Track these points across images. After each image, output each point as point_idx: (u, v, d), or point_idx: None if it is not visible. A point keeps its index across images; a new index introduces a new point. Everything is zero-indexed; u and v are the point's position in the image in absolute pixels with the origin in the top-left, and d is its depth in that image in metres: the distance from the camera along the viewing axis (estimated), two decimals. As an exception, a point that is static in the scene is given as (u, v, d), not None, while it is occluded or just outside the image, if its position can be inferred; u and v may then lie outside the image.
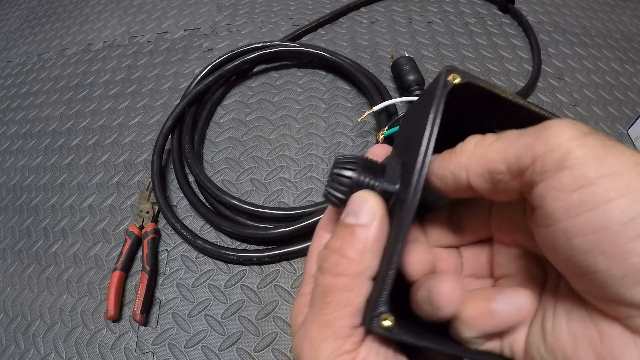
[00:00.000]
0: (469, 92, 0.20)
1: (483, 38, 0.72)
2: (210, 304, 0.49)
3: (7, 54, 0.81)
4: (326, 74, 0.67)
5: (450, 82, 0.20)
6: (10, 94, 0.73)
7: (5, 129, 0.68)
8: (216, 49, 0.73)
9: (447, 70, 0.20)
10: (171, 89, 0.68)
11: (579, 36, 0.73)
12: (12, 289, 0.52)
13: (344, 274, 0.19)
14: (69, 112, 0.68)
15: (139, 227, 0.53)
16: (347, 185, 0.21)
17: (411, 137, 0.20)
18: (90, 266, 0.53)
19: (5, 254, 0.55)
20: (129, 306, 0.49)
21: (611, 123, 0.62)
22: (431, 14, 0.76)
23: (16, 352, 0.48)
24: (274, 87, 0.66)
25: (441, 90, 0.19)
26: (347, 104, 0.64)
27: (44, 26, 0.85)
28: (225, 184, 0.57)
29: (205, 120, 0.62)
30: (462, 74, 0.20)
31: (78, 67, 0.74)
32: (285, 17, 0.77)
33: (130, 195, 0.58)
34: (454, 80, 0.20)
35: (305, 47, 0.65)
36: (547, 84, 0.66)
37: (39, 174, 0.62)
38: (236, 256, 0.50)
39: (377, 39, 0.72)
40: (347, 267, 0.19)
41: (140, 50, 0.75)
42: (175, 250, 0.53)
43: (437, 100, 0.19)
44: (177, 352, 0.46)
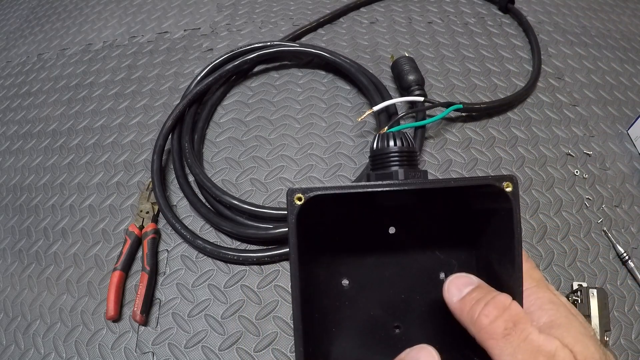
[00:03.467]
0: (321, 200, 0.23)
1: (483, 38, 0.72)
2: (210, 304, 0.49)
3: (7, 54, 0.81)
4: (326, 74, 0.67)
5: (297, 204, 0.23)
6: (10, 94, 0.73)
7: (5, 129, 0.68)
8: (216, 49, 0.73)
9: (290, 191, 0.23)
10: (171, 89, 0.68)
11: (579, 36, 0.73)
12: (12, 289, 0.52)
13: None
14: (69, 112, 0.68)
15: (139, 227, 0.53)
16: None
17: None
18: (90, 266, 0.53)
19: (5, 254, 0.55)
20: (129, 306, 0.49)
21: (611, 123, 0.62)
22: (431, 14, 0.76)
23: (16, 352, 0.48)
24: (274, 87, 0.66)
25: (293, 215, 0.23)
26: (347, 104, 0.64)
27: (44, 26, 0.85)
28: (225, 184, 0.57)
29: (205, 120, 0.62)
30: (303, 191, 0.23)
31: (78, 67, 0.74)
32: (285, 17, 0.77)
33: (130, 195, 0.58)
34: (299, 201, 0.23)
35: (305, 47, 0.65)
36: (547, 84, 0.66)
37: (39, 174, 0.62)
38: (236, 256, 0.50)
39: (377, 39, 0.72)
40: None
41: (140, 50, 0.75)
42: (175, 250, 0.53)
43: (291, 226, 0.23)
44: (177, 352, 0.46)
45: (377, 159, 0.27)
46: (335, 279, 0.28)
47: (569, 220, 0.53)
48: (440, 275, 0.28)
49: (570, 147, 0.59)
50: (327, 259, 0.28)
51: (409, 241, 0.28)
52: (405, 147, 0.27)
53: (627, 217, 0.53)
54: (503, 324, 0.22)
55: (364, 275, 0.28)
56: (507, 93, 0.64)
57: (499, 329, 0.22)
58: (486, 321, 0.22)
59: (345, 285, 0.28)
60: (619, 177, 0.57)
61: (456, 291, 0.24)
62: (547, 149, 0.59)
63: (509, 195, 0.23)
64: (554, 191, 0.55)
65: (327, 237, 0.28)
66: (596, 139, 0.60)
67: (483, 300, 0.23)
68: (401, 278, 0.28)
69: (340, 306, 0.28)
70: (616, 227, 0.53)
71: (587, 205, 0.54)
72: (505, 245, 0.24)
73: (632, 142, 0.60)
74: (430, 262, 0.28)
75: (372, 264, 0.28)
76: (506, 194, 0.23)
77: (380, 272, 0.28)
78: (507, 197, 0.23)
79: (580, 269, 0.50)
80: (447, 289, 0.25)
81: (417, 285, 0.28)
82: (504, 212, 0.24)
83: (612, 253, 0.51)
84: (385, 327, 0.27)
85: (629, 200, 0.55)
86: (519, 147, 0.59)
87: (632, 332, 0.46)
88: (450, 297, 0.24)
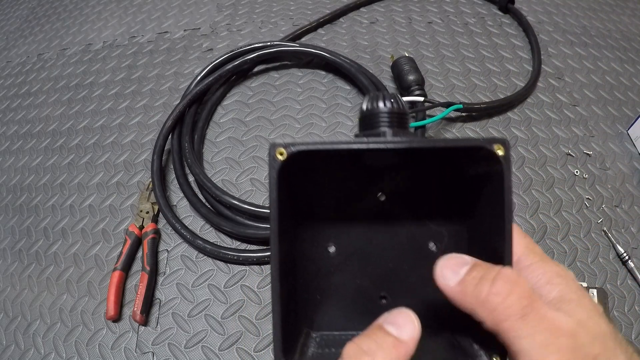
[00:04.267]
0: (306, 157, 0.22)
1: (483, 38, 0.72)
2: (210, 304, 0.49)
3: (7, 54, 0.81)
4: (326, 74, 0.67)
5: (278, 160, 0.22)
6: (10, 94, 0.73)
7: (5, 129, 0.68)
8: (216, 49, 0.73)
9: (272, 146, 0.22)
10: (171, 89, 0.68)
11: (579, 36, 0.73)
12: (12, 289, 0.52)
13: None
14: (69, 112, 0.68)
15: (139, 227, 0.53)
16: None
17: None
18: (90, 266, 0.53)
19: (5, 254, 0.55)
20: (129, 306, 0.49)
21: (611, 123, 0.62)
22: (431, 14, 0.76)
23: (16, 352, 0.48)
24: (274, 87, 0.66)
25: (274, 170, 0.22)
26: (347, 104, 0.64)
27: (44, 26, 0.85)
28: (225, 184, 0.57)
29: (205, 120, 0.62)
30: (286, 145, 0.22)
31: (78, 67, 0.74)
32: (285, 17, 0.77)
33: (130, 195, 0.58)
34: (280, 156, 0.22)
35: (305, 47, 0.65)
36: (547, 84, 0.66)
37: (39, 174, 0.62)
38: (236, 256, 0.50)
39: (377, 39, 0.72)
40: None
41: (140, 50, 0.75)
42: (175, 250, 0.53)
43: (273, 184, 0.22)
44: (177, 352, 0.46)
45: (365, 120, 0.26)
46: (321, 245, 0.27)
47: (569, 220, 0.53)
48: (430, 246, 0.27)
49: (570, 147, 0.59)
50: (314, 223, 0.27)
51: (399, 209, 0.27)
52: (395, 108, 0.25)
53: (627, 217, 0.53)
54: (518, 302, 0.20)
55: (351, 242, 0.27)
56: (507, 93, 0.64)
57: (515, 308, 0.20)
58: (498, 300, 0.20)
59: (332, 252, 0.27)
60: (619, 177, 0.57)
61: (452, 274, 0.21)
62: (547, 149, 0.59)
63: (500, 158, 0.22)
64: (554, 191, 0.55)
65: (314, 201, 0.27)
66: (596, 139, 0.60)
67: (487, 277, 0.20)
68: (390, 247, 0.27)
69: (325, 273, 0.27)
70: (616, 227, 0.53)
71: (587, 205, 0.54)
72: (496, 213, 0.23)
73: (632, 142, 0.60)
74: (420, 231, 0.27)
75: (360, 231, 0.27)
76: (497, 158, 0.22)
77: (369, 240, 0.27)
78: (498, 161, 0.22)
79: (580, 269, 0.50)
80: (441, 274, 0.22)
81: (406, 255, 0.27)
82: (495, 179, 0.23)
83: (612, 253, 0.51)
84: (371, 298, 0.26)
85: (629, 200, 0.55)
86: (519, 147, 0.59)
87: (632, 332, 0.46)
88: (446, 281, 0.21)
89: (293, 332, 0.25)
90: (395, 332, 0.20)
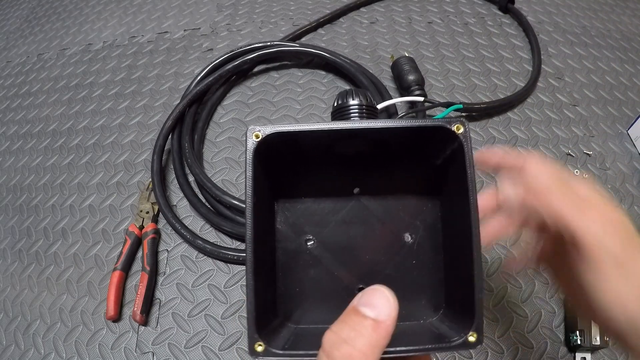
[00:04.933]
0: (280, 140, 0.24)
1: (483, 38, 0.72)
2: (210, 304, 0.49)
3: (7, 54, 0.81)
4: (326, 74, 0.67)
5: (254, 141, 0.24)
6: (10, 94, 0.73)
7: (5, 129, 0.68)
8: (216, 49, 0.73)
9: (249, 129, 0.24)
10: (171, 89, 0.68)
11: (579, 36, 0.73)
12: (12, 289, 0.52)
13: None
14: (69, 112, 0.68)
15: (139, 227, 0.53)
16: None
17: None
18: (90, 266, 0.53)
19: (5, 254, 0.55)
20: (129, 306, 0.49)
21: (611, 123, 0.62)
22: (431, 14, 0.76)
23: (16, 352, 0.48)
24: (274, 87, 0.66)
25: (249, 153, 0.24)
26: (347, 104, 0.63)
27: (44, 26, 0.85)
28: (225, 184, 0.57)
29: (205, 120, 0.62)
30: (262, 127, 0.24)
31: (78, 67, 0.74)
32: (285, 17, 0.77)
33: (130, 195, 0.58)
34: (256, 138, 0.24)
35: (305, 47, 0.65)
36: (547, 84, 0.66)
37: (39, 174, 0.62)
38: (236, 256, 0.50)
39: (377, 39, 0.72)
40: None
41: (140, 50, 0.75)
42: (175, 250, 0.53)
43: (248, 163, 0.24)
44: (177, 352, 0.46)
45: (336, 113, 0.27)
46: (300, 238, 0.28)
47: (569, 220, 0.53)
48: (405, 237, 0.28)
49: (570, 147, 0.59)
50: (293, 216, 0.28)
51: (373, 202, 0.28)
52: (364, 101, 0.27)
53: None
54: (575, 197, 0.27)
55: (329, 235, 0.28)
56: (507, 93, 0.64)
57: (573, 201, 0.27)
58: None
59: (310, 245, 0.28)
60: (619, 177, 0.57)
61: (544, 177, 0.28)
62: (547, 149, 0.59)
63: (459, 135, 0.23)
64: (554, 191, 0.55)
65: (291, 195, 0.28)
66: (596, 139, 0.60)
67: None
68: (366, 239, 0.28)
69: (303, 266, 0.28)
70: (616, 227, 0.53)
71: (587, 205, 0.54)
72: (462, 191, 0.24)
73: (632, 142, 0.60)
74: (395, 223, 0.28)
75: (336, 224, 0.28)
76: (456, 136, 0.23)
77: (346, 232, 0.28)
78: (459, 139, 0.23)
79: (580, 269, 0.50)
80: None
81: (382, 247, 0.28)
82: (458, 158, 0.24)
83: (612, 253, 0.51)
84: (348, 288, 0.27)
85: (629, 200, 0.55)
86: (519, 147, 0.59)
87: (632, 332, 0.46)
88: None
89: (270, 320, 0.25)
90: (372, 313, 0.19)
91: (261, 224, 0.24)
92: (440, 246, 0.27)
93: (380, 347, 0.19)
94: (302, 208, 0.28)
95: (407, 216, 0.28)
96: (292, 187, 0.28)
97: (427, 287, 0.27)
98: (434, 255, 0.28)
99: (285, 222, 0.28)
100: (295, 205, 0.28)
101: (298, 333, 0.25)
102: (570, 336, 0.44)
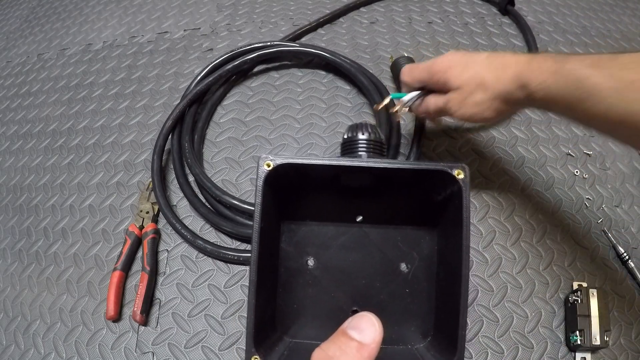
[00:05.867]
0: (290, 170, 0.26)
1: (483, 38, 0.72)
2: (210, 304, 0.49)
3: (7, 54, 0.81)
4: (326, 74, 0.67)
5: (265, 170, 0.26)
6: (10, 94, 0.73)
7: (5, 129, 0.68)
8: (216, 49, 0.73)
9: (260, 158, 0.26)
10: (171, 89, 0.68)
11: (579, 36, 0.73)
12: (12, 289, 0.52)
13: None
14: (69, 112, 0.68)
15: (139, 227, 0.53)
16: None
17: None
18: (90, 266, 0.53)
19: (5, 254, 0.55)
20: (129, 306, 0.49)
21: (611, 123, 0.62)
22: (431, 14, 0.76)
23: (16, 352, 0.48)
24: (274, 87, 0.66)
25: (260, 179, 0.26)
26: (347, 104, 0.64)
27: (44, 26, 0.85)
28: (225, 184, 0.57)
29: (205, 120, 0.62)
30: (273, 158, 0.26)
31: (78, 67, 0.74)
32: (285, 17, 0.77)
33: (130, 195, 0.58)
34: (267, 167, 0.26)
35: (305, 47, 0.65)
36: (547, 84, 0.66)
37: (39, 174, 0.62)
38: (236, 256, 0.50)
39: (377, 39, 0.72)
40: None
41: (140, 50, 0.75)
42: (175, 250, 0.53)
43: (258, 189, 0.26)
44: (177, 352, 0.46)
45: (345, 146, 0.29)
46: (302, 258, 0.30)
47: (569, 220, 0.53)
48: (401, 266, 0.29)
49: (570, 147, 0.59)
50: (297, 237, 0.30)
51: (374, 230, 0.30)
52: (372, 137, 0.29)
53: (627, 217, 0.53)
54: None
55: (329, 257, 0.30)
56: (507, 93, 0.64)
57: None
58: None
59: (311, 265, 0.30)
60: (619, 177, 0.57)
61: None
62: (547, 149, 0.59)
63: (460, 182, 0.25)
64: (554, 191, 0.55)
65: (297, 217, 0.30)
66: (596, 139, 0.60)
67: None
68: (364, 265, 0.30)
69: (303, 285, 0.30)
70: (616, 227, 0.53)
71: (587, 205, 0.54)
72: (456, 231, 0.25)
73: (632, 142, 0.60)
74: (393, 252, 0.30)
75: (337, 248, 0.30)
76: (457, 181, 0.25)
77: (345, 256, 0.30)
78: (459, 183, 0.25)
79: (580, 269, 0.50)
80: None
81: (379, 274, 0.30)
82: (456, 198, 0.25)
83: (612, 253, 0.51)
84: (343, 310, 0.28)
85: (629, 200, 0.55)
86: (519, 147, 0.59)
87: (632, 332, 0.46)
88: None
89: (268, 335, 0.27)
90: (358, 336, 0.21)
91: (266, 246, 0.26)
92: (434, 277, 0.29)
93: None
94: (306, 230, 0.30)
95: (405, 246, 0.29)
96: (298, 210, 0.30)
97: (418, 314, 0.29)
98: (427, 285, 0.29)
99: (289, 242, 0.30)
100: (300, 227, 0.30)
101: (292, 347, 0.27)
102: (570, 336, 0.44)
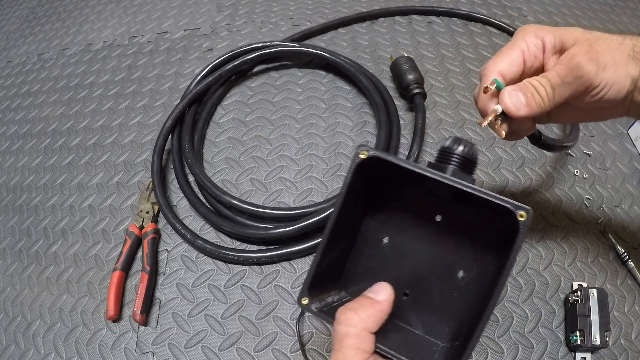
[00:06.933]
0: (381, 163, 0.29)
1: (483, 38, 0.72)
2: (210, 304, 0.49)
3: (7, 54, 0.81)
4: (326, 74, 0.67)
5: (359, 157, 0.28)
6: (10, 94, 0.73)
7: (5, 129, 0.68)
8: (216, 49, 0.73)
9: (359, 146, 0.29)
10: (171, 89, 0.68)
11: (579, 36, 0.73)
12: (12, 289, 0.52)
13: (355, 326, 0.27)
14: (69, 112, 0.68)
15: (139, 227, 0.53)
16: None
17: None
18: (90, 266, 0.53)
19: (5, 254, 0.55)
20: (129, 306, 0.49)
21: (611, 123, 0.62)
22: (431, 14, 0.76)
23: (16, 352, 0.48)
24: (274, 87, 0.66)
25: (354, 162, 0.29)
26: (347, 104, 0.64)
27: (44, 26, 0.85)
28: (225, 184, 0.57)
29: (205, 120, 0.62)
30: (369, 149, 0.28)
31: (78, 67, 0.74)
32: (285, 17, 0.77)
33: (130, 195, 0.58)
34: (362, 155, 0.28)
35: (305, 47, 0.65)
36: (547, 84, 0.66)
37: (39, 174, 0.62)
38: (236, 256, 0.50)
39: (377, 39, 0.72)
40: (357, 322, 0.27)
41: (140, 50, 0.75)
42: (175, 250, 0.53)
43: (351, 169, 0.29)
44: (177, 352, 0.46)
45: (441, 154, 0.31)
46: (380, 234, 0.33)
47: (569, 220, 0.53)
48: (459, 273, 0.31)
49: (570, 147, 0.59)
50: (382, 216, 0.33)
51: (447, 232, 0.32)
52: (466, 153, 0.30)
53: (627, 217, 0.53)
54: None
55: (402, 242, 0.33)
56: (507, 93, 0.64)
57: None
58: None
59: (385, 242, 0.33)
60: (619, 177, 0.57)
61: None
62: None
63: (519, 224, 0.26)
64: (554, 191, 0.55)
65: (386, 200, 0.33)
66: (596, 139, 0.60)
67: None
68: (428, 259, 0.32)
69: (372, 256, 0.33)
70: (616, 227, 0.53)
71: (587, 205, 0.54)
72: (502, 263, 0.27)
73: (632, 142, 0.60)
74: (457, 257, 0.32)
75: (411, 237, 0.33)
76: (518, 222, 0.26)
77: (416, 246, 0.33)
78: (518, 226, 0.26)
79: (580, 269, 0.50)
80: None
81: (437, 272, 0.32)
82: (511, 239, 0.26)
83: (612, 253, 0.51)
84: (397, 290, 0.30)
85: (629, 200, 0.55)
86: (519, 147, 0.59)
87: (632, 332, 0.46)
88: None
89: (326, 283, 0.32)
90: (373, 295, 0.28)
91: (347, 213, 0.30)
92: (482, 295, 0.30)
93: (374, 318, 0.27)
94: (390, 214, 0.33)
95: (469, 257, 0.31)
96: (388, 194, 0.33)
97: (456, 320, 0.31)
98: (473, 299, 0.31)
99: (374, 218, 0.33)
100: (385, 209, 0.33)
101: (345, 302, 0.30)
102: (570, 336, 0.44)
